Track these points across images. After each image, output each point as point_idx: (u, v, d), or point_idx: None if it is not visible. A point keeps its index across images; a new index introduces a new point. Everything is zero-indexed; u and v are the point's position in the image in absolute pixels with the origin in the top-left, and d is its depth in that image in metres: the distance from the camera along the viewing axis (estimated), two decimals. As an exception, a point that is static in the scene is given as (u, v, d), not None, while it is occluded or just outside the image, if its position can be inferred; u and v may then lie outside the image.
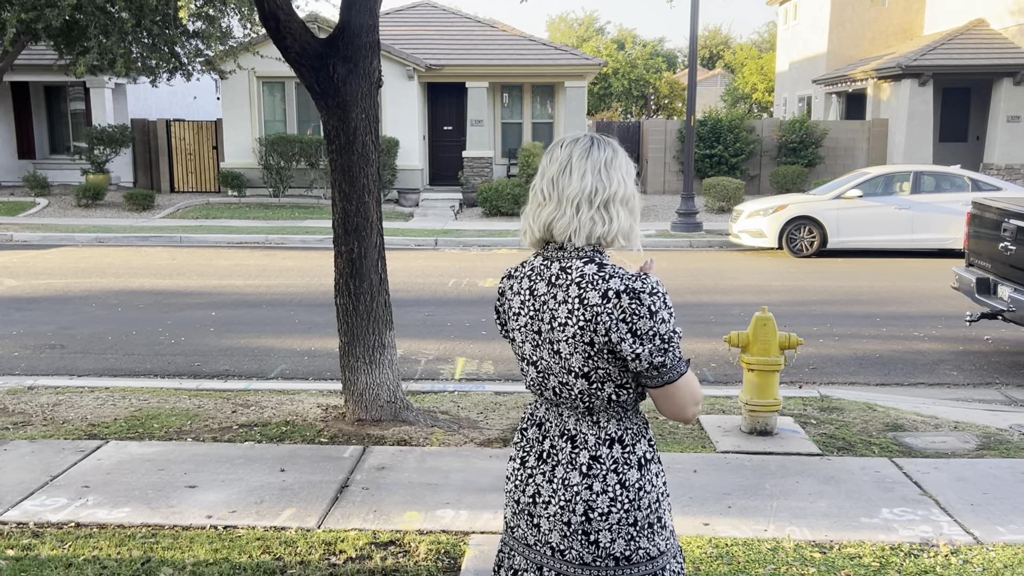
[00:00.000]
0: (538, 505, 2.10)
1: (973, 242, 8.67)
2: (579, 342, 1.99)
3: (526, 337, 2.10)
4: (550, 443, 2.11)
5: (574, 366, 2.02)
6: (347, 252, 5.84)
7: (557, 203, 2.03)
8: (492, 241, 16.78)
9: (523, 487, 2.15)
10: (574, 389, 2.04)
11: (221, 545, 4.14)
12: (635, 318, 1.95)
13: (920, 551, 4.21)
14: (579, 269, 2.01)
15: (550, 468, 2.09)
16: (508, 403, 6.58)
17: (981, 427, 6.14)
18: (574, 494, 2.04)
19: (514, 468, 2.20)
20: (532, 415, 2.21)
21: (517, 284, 2.13)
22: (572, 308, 2.00)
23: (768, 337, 5.73)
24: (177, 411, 6.31)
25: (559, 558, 2.07)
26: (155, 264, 14.03)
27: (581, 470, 2.05)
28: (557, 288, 2.03)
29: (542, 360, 2.07)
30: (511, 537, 2.19)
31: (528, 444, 2.17)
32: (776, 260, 14.79)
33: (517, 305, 2.12)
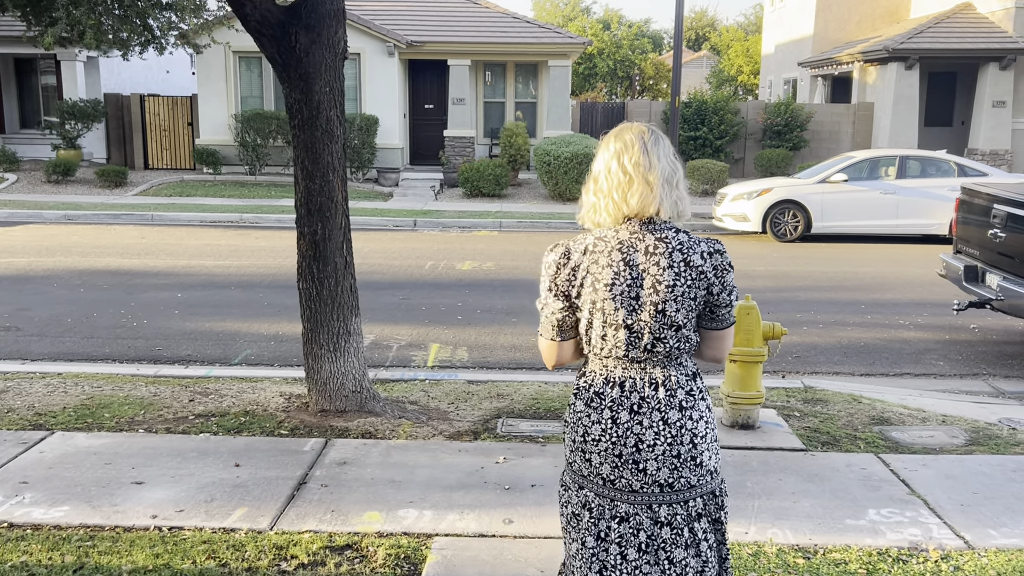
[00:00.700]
0: (643, 451, 2.35)
1: (961, 228, 8.45)
2: (686, 298, 2.34)
3: (621, 304, 2.32)
4: (639, 396, 2.36)
5: (677, 320, 2.34)
6: (310, 234, 5.52)
7: (645, 183, 2.35)
8: (472, 223, 16.47)
9: (623, 440, 2.36)
10: (669, 341, 2.35)
11: (163, 549, 3.85)
12: (724, 272, 2.39)
13: (909, 556, 3.98)
14: (675, 238, 2.36)
15: (646, 416, 2.36)
16: (480, 393, 6.30)
17: (969, 421, 5.93)
18: (679, 428, 2.35)
19: (603, 429, 2.38)
20: (606, 379, 2.40)
21: (603, 258, 2.34)
22: (679, 271, 2.34)
23: (751, 327, 5.47)
24: (131, 399, 5.99)
25: (668, 490, 2.35)
26: (123, 243, 13.63)
27: (679, 407, 2.36)
28: (657, 256, 2.33)
29: (640, 321, 2.32)
30: (613, 489, 2.38)
31: (615, 404, 2.37)
32: (760, 244, 14.57)
33: (609, 277, 2.33)
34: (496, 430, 5.53)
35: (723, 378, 5.81)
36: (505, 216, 17.06)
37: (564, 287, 2.43)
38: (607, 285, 2.34)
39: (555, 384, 6.56)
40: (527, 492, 4.58)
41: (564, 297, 2.44)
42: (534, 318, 8.99)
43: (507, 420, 5.71)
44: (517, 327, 8.69)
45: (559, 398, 6.16)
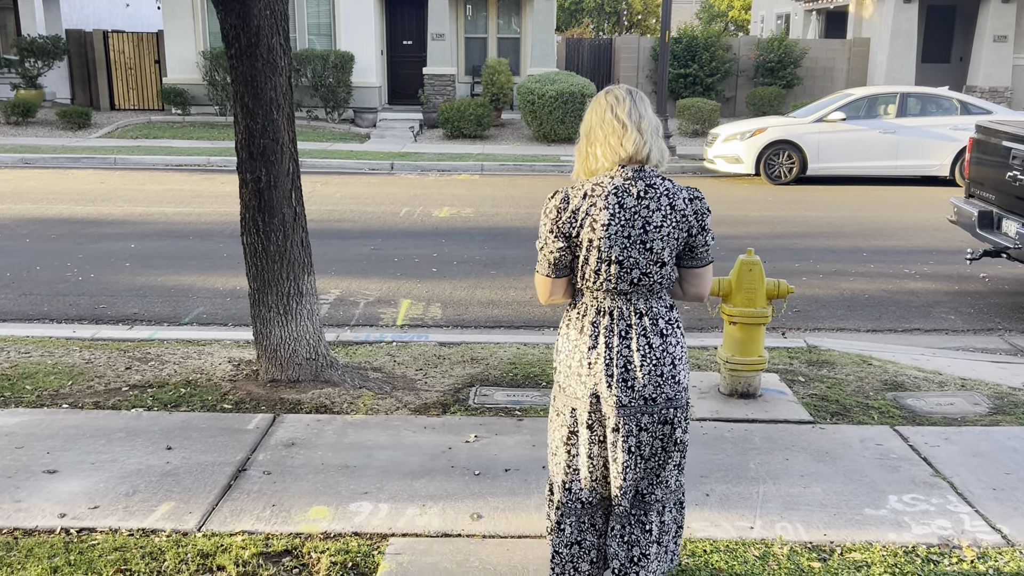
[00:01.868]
0: (632, 370, 2.68)
1: (975, 170, 7.81)
2: (671, 238, 2.64)
3: (615, 242, 2.61)
4: (626, 323, 2.69)
5: (663, 257, 2.65)
6: (253, 181, 4.83)
7: (637, 132, 2.64)
8: (452, 166, 15.70)
9: (613, 361, 2.69)
10: (654, 276, 2.67)
11: (65, 560, 3.25)
12: (704, 216, 2.68)
13: (940, 556, 3.43)
14: (662, 185, 2.65)
15: (633, 341, 2.69)
16: (453, 357, 5.68)
17: (991, 385, 5.37)
18: (662, 352, 2.70)
19: (599, 353, 2.70)
20: (598, 310, 2.71)
21: (601, 201, 2.62)
22: (665, 214, 2.63)
23: (754, 285, 4.86)
24: (60, 368, 5.35)
25: (651, 403, 2.72)
26: (80, 188, 12.83)
27: (661, 333, 2.71)
28: (647, 200, 2.62)
29: (631, 258, 2.62)
30: (606, 405, 2.72)
31: (606, 330, 2.70)
32: (753, 187, 13.90)
33: (606, 218, 2.60)
34: (468, 401, 4.93)
35: (719, 341, 5.22)
36: (487, 159, 16.29)
37: (565, 228, 2.66)
38: (604, 225, 2.60)
39: (535, 346, 5.96)
40: (500, 479, 4.00)
41: (564, 238, 2.67)
42: (514, 270, 8.37)
43: (481, 389, 5.11)
44: (496, 280, 8.05)
45: (539, 362, 5.56)
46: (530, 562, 3.33)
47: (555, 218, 2.67)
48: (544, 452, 4.21)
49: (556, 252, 2.70)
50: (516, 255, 8.97)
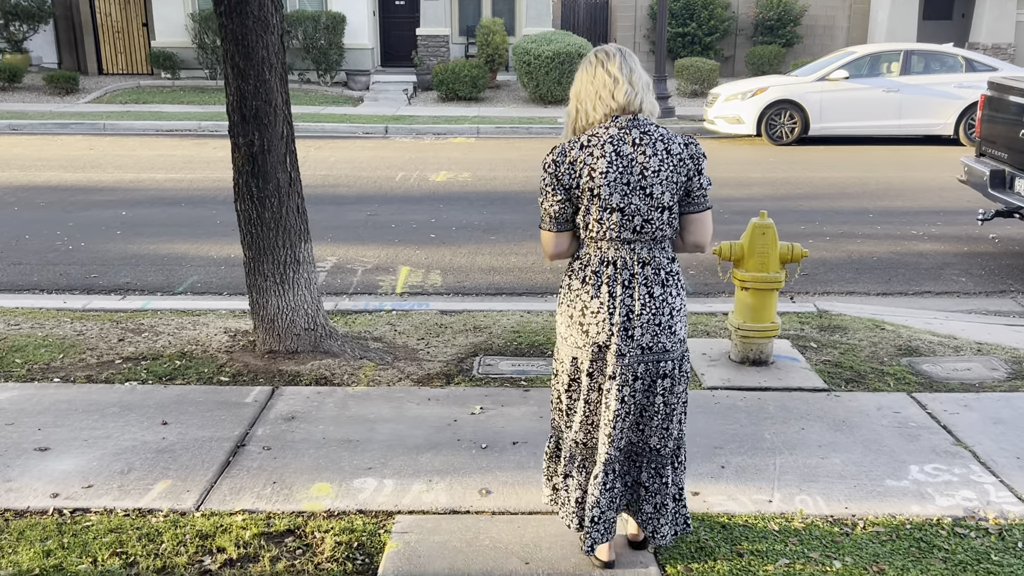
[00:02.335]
0: (633, 319, 2.74)
1: (987, 128, 7.62)
2: (670, 182, 2.70)
3: (614, 189, 2.67)
4: (629, 272, 2.74)
5: (664, 202, 2.70)
6: (246, 145, 4.64)
7: (629, 84, 2.71)
8: (448, 129, 15.43)
9: (615, 310, 2.75)
10: (655, 222, 2.71)
11: (58, 543, 3.11)
12: (700, 159, 2.75)
13: (966, 528, 3.31)
14: (656, 131, 2.72)
15: (635, 290, 2.74)
16: (454, 325, 5.53)
17: (1008, 349, 5.24)
18: (662, 302, 2.76)
19: (601, 302, 2.75)
20: (601, 260, 2.76)
21: (597, 151, 2.67)
22: (662, 159, 2.69)
23: (767, 248, 4.70)
24: (51, 340, 5.18)
25: (648, 352, 2.78)
26: (69, 155, 12.56)
27: (662, 284, 2.76)
28: (643, 146, 2.68)
29: (631, 204, 2.68)
30: (607, 352, 2.78)
31: (610, 280, 2.75)
32: (755, 148, 13.68)
33: (603, 166, 2.66)
34: (472, 371, 4.78)
35: (730, 307, 5.07)
36: (483, 121, 16.02)
37: (564, 180, 2.71)
38: (602, 173, 2.66)
39: (539, 314, 5.80)
40: (508, 452, 3.86)
41: (564, 190, 2.73)
42: (514, 235, 8.19)
43: (484, 358, 4.97)
44: (496, 246, 7.87)
45: (543, 330, 5.41)
46: (542, 539, 3.20)
47: (553, 171, 2.72)
48: (553, 424, 4.08)
49: (557, 205, 2.75)
50: (516, 220, 8.78)
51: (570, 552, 3.12)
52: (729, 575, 3.00)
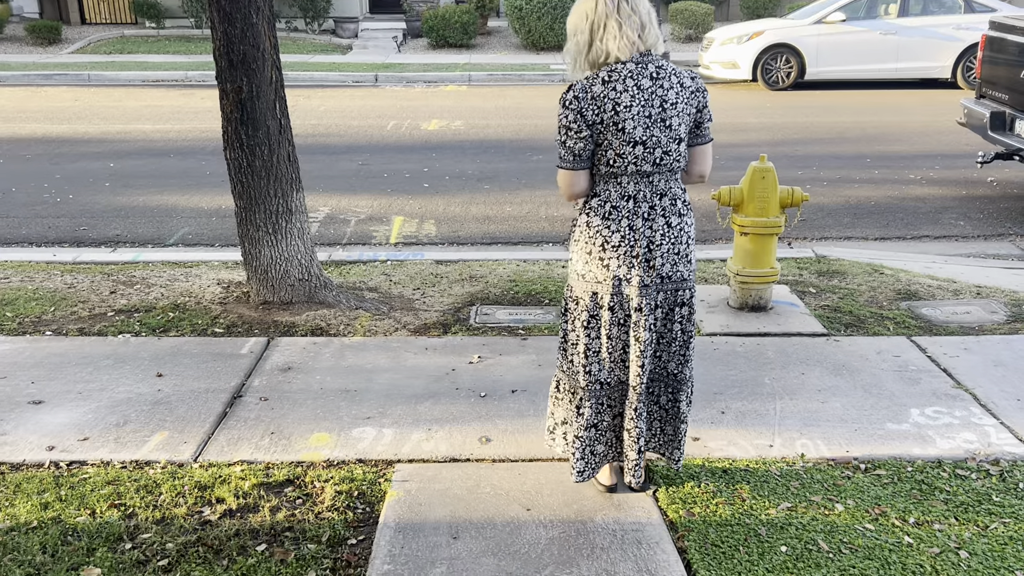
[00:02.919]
0: (654, 250, 2.82)
1: (988, 69, 7.50)
2: (685, 114, 2.78)
3: (638, 122, 2.70)
4: (648, 205, 2.80)
5: (680, 134, 2.77)
6: (234, 91, 4.52)
7: (652, 24, 2.75)
8: (438, 76, 15.19)
9: (637, 242, 2.81)
10: (673, 154, 2.78)
11: (55, 496, 3.08)
12: (706, 93, 2.85)
13: (967, 470, 3.31)
14: (668, 67, 2.77)
15: (654, 221, 2.81)
16: (450, 275, 5.47)
17: (1007, 292, 5.22)
18: (679, 231, 2.84)
19: (622, 235, 2.80)
20: (621, 195, 2.79)
21: (620, 85, 2.69)
22: (677, 91, 2.75)
23: (767, 193, 4.63)
24: (41, 293, 5.12)
25: (668, 281, 2.87)
26: (54, 107, 12.34)
27: (679, 214, 2.84)
28: (661, 80, 2.73)
29: (653, 136, 2.73)
30: (628, 286, 2.85)
31: (629, 213, 2.80)
32: (751, 93, 13.51)
33: (628, 100, 2.69)
34: (469, 321, 4.74)
35: (729, 253, 5.02)
36: (474, 68, 15.77)
37: (589, 116, 2.70)
38: (626, 107, 2.69)
39: (535, 263, 5.74)
40: (507, 400, 3.84)
41: (588, 125, 2.72)
42: (508, 184, 8.09)
43: (481, 308, 4.92)
44: (490, 195, 7.78)
45: (539, 279, 5.36)
46: (543, 486, 3.19)
47: (577, 107, 2.70)
48: (552, 372, 4.05)
49: (581, 141, 2.74)
50: (510, 168, 8.67)
51: (572, 498, 3.11)
52: (732, 519, 2.99)
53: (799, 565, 2.76)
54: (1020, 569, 2.75)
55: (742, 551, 2.83)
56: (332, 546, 2.85)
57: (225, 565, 2.74)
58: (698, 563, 2.77)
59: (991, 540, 2.90)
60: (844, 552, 2.83)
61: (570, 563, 2.76)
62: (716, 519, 3.00)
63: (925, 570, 2.74)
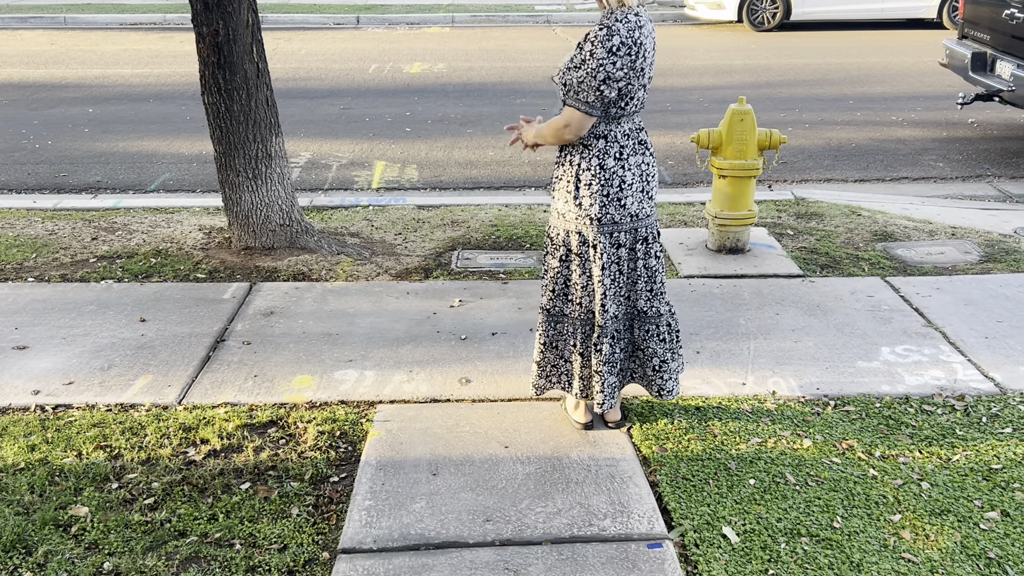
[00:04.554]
0: (650, 182, 2.98)
1: (970, 9, 7.48)
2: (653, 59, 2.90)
3: (649, 66, 2.84)
4: (637, 140, 2.93)
5: (652, 76, 2.93)
6: (210, 35, 4.48)
7: None
8: (421, 18, 14.98)
9: (646, 177, 2.96)
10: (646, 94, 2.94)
11: (42, 439, 3.15)
12: None
13: (933, 406, 3.41)
14: (650, 19, 2.86)
15: (647, 155, 2.96)
16: (432, 220, 5.50)
17: (981, 232, 5.29)
18: (655, 168, 3.02)
19: (634, 174, 2.91)
20: (623, 134, 2.89)
21: (646, 29, 2.80)
22: (655, 40, 2.88)
23: (745, 135, 4.65)
24: (22, 240, 5.12)
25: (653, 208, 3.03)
26: (30, 51, 12.13)
27: (650, 152, 2.99)
28: (650, 31, 2.84)
29: (651, 79, 2.89)
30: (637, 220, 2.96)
31: (633, 151, 2.91)
32: (736, 35, 13.40)
33: (650, 45, 2.81)
34: (450, 265, 4.78)
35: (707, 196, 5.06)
36: (458, 10, 15.55)
37: (633, 64, 2.77)
38: (648, 52, 2.81)
39: (516, 207, 5.77)
40: (487, 342, 3.90)
41: (633, 71, 2.78)
42: (491, 128, 8.06)
43: (463, 252, 4.96)
44: (473, 139, 7.76)
45: (521, 223, 5.39)
46: (521, 424, 3.27)
47: (626, 53, 2.73)
48: (531, 315, 4.11)
49: (617, 87, 2.77)
50: (493, 112, 8.63)
51: (549, 436, 3.19)
52: (703, 454, 3.09)
53: (766, 497, 2.86)
54: (978, 498, 2.86)
55: (711, 484, 2.92)
56: (315, 484, 2.93)
57: (210, 503, 2.81)
58: (668, 495, 2.87)
59: (952, 472, 3.01)
60: (810, 484, 2.93)
61: (545, 497, 2.85)
62: (687, 454, 3.09)
63: (888, 500, 2.85)
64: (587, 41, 2.75)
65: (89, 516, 2.74)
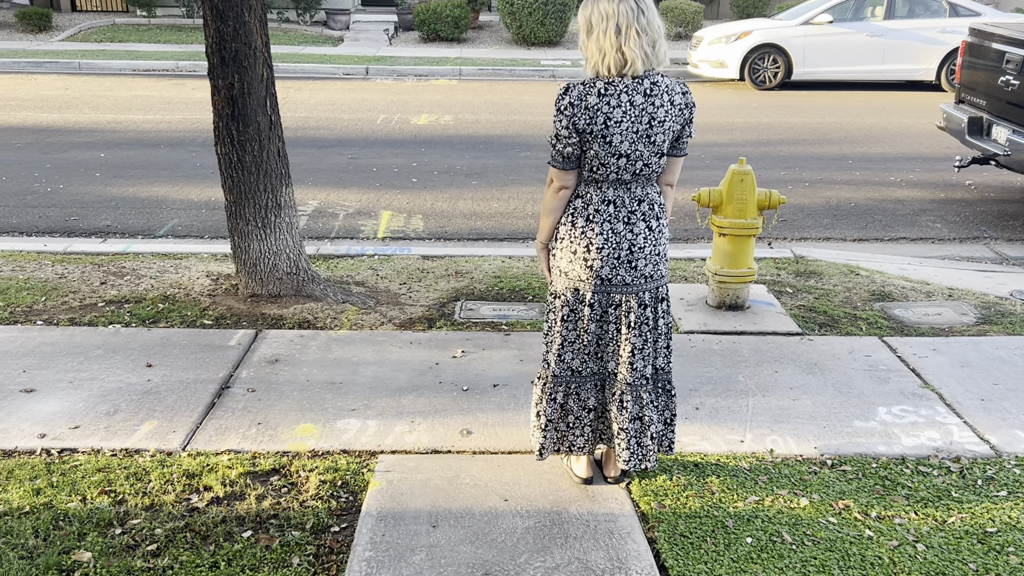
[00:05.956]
0: (635, 252, 2.96)
1: (967, 75, 7.65)
2: (669, 131, 2.89)
3: (625, 137, 2.82)
4: (627, 210, 2.94)
5: (663, 149, 2.90)
6: (225, 88, 4.61)
7: (653, 40, 2.81)
8: (430, 70, 15.26)
9: (620, 246, 2.94)
10: (652, 166, 2.92)
11: (47, 482, 3.18)
12: (693, 109, 2.95)
13: (929, 467, 3.44)
14: (663, 82, 2.86)
15: (635, 225, 2.94)
16: (436, 270, 5.58)
17: (978, 294, 5.36)
18: (657, 233, 3.00)
19: (605, 238, 2.93)
20: (603, 199, 2.93)
21: (614, 100, 2.79)
22: (667, 110, 2.85)
23: (745, 195, 4.75)
24: (32, 283, 5.20)
25: (648, 279, 3.02)
26: (45, 95, 12.35)
27: (656, 217, 2.98)
28: (653, 97, 2.82)
29: (637, 151, 2.85)
30: (609, 285, 2.99)
31: (611, 218, 2.93)
32: (738, 93, 13.64)
33: (619, 115, 2.80)
34: (453, 316, 4.85)
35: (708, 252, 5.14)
36: (465, 63, 15.84)
37: (580, 124, 2.82)
38: (616, 122, 2.80)
39: (520, 259, 5.85)
40: (488, 394, 3.95)
41: (578, 132, 2.84)
42: (496, 180, 8.19)
43: (466, 303, 5.03)
44: (478, 191, 7.88)
45: (524, 275, 5.47)
46: (521, 478, 3.30)
47: (571, 115, 2.82)
48: (532, 367, 4.17)
49: (570, 146, 2.86)
50: (498, 164, 8.77)
51: (548, 490, 3.23)
52: (701, 511, 3.12)
53: (763, 556, 2.89)
54: (973, 561, 2.89)
55: (709, 542, 2.95)
56: (316, 533, 2.96)
57: (212, 550, 2.84)
58: (667, 552, 2.89)
59: (948, 534, 3.03)
60: (807, 544, 2.96)
61: (544, 551, 2.88)
62: (686, 511, 3.12)
63: (883, 562, 2.88)
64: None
65: (92, 562, 2.77)
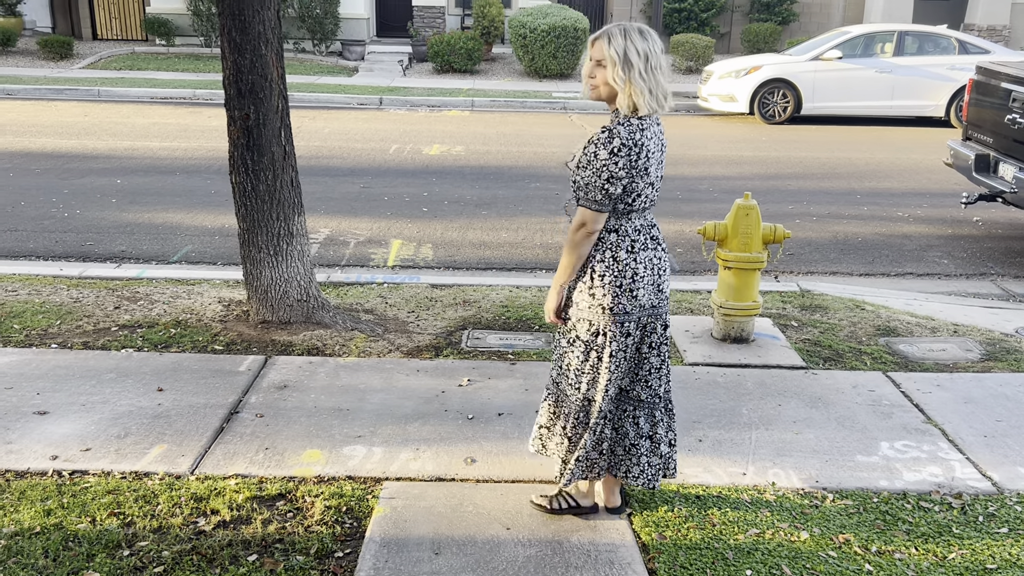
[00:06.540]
0: (662, 276, 3.12)
1: (974, 112, 7.71)
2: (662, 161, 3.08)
3: (656, 167, 3.02)
4: (650, 236, 3.09)
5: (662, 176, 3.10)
6: (241, 119, 4.72)
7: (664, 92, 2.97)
8: (443, 101, 15.44)
9: (657, 272, 3.10)
10: (658, 190, 3.09)
11: (58, 504, 3.24)
12: None
13: (930, 503, 3.46)
14: (659, 123, 3.06)
15: (657, 250, 3.10)
16: (445, 299, 5.64)
17: (983, 331, 5.38)
18: (668, 263, 3.17)
19: (645, 267, 3.05)
20: (634, 228, 3.04)
21: (648, 132, 2.95)
22: (664, 145, 3.08)
23: (750, 230, 4.81)
24: (48, 306, 5.28)
25: (666, 301, 3.17)
26: (64, 121, 12.56)
27: (663, 247, 3.14)
28: (660, 126, 3.05)
29: (659, 177, 3.06)
30: (652, 312, 3.11)
31: (643, 247, 3.05)
32: (747, 127, 13.75)
33: (652, 147, 2.97)
34: (460, 344, 4.90)
35: (713, 284, 5.19)
36: (477, 94, 16.03)
37: (637, 163, 2.93)
38: (652, 152, 2.97)
39: (527, 289, 5.91)
40: (493, 423, 3.99)
41: (633, 170, 2.93)
42: (506, 210, 8.29)
43: (473, 332, 5.09)
44: (487, 220, 7.97)
45: (532, 305, 5.52)
46: (523, 507, 3.34)
47: (627, 155, 2.89)
48: (537, 396, 4.21)
49: (621, 186, 2.93)
50: (508, 195, 8.87)
51: (550, 519, 3.26)
52: (701, 543, 3.14)
53: (762, 588, 2.91)
54: (971, 597, 2.90)
55: (709, 573, 2.97)
56: (320, 558, 2.99)
57: (218, 573, 2.88)
58: (666, 583, 2.92)
59: (948, 570, 3.05)
60: (806, 577, 2.97)
61: (545, 580, 2.91)
62: (686, 542, 3.15)
63: (882, 596, 2.89)
64: (590, 143, 2.90)
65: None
